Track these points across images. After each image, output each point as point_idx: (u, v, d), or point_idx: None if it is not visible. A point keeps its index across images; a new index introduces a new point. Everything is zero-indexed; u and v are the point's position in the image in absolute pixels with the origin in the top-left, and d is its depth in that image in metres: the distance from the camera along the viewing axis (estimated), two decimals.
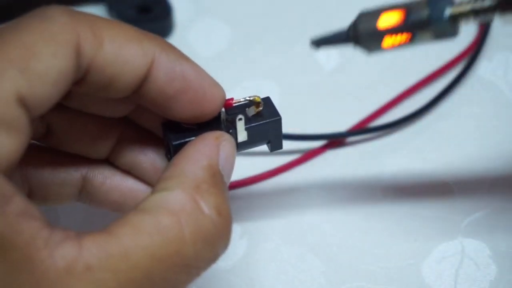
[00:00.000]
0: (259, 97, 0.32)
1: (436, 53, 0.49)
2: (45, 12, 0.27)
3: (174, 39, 0.51)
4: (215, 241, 0.28)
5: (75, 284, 0.24)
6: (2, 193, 0.24)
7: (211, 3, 0.53)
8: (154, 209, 0.27)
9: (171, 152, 0.31)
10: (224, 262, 0.39)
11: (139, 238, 0.25)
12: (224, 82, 0.48)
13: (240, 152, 0.33)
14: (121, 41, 0.28)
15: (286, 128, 0.43)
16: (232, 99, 0.32)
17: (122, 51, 0.28)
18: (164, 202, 0.27)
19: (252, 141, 0.33)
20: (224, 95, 0.31)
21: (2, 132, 0.24)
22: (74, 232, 0.25)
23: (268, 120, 0.33)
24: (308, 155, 0.44)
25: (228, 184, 0.30)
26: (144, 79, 0.29)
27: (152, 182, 0.34)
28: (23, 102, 0.25)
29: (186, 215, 0.27)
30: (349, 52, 0.49)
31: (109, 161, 0.34)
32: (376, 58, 0.49)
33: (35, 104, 0.25)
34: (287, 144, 0.44)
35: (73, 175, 0.33)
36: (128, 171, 0.34)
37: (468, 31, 0.50)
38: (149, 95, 0.30)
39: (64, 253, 0.24)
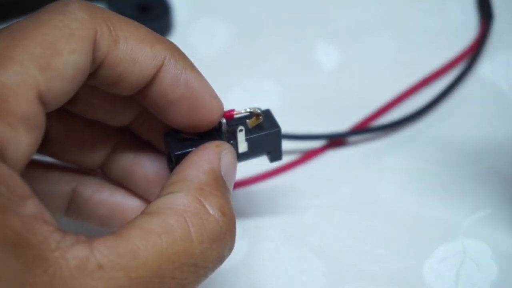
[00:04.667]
0: (259, 109, 0.33)
1: (436, 53, 0.49)
2: (65, 7, 0.27)
3: (174, 39, 0.50)
4: (220, 241, 0.28)
5: (87, 282, 0.24)
6: (20, 194, 0.24)
7: (211, 2, 0.53)
8: (161, 210, 0.27)
9: (173, 162, 0.32)
10: (225, 262, 0.39)
11: (148, 238, 0.26)
12: (224, 82, 0.48)
13: (240, 163, 0.33)
14: (135, 42, 0.29)
15: (286, 128, 0.43)
16: (233, 110, 0.33)
17: (134, 52, 0.28)
18: (170, 204, 0.28)
19: (252, 152, 0.33)
20: (223, 108, 0.32)
21: (22, 129, 0.25)
22: (85, 236, 0.25)
23: (268, 132, 0.33)
24: (308, 155, 0.44)
25: (231, 191, 0.31)
26: (150, 81, 0.30)
27: (143, 195, 0.35)
28: (42, 99, 0.26)
29: (191, 215, 0.27)
30: (349, 52, 0.50)
31: (102, 171, 0.35)
32: (376, 58, 0.49)
33: (52, 100, 0.26)
34: (287, 144, 0.44)
35: (64, 187, 0.34)
36: (119, 183, 0.35)
37: (469, 30, 0.50)
38: (151, 97, 0.30)
39: (76, 253, 0.24)
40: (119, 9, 0.50)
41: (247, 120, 0.33)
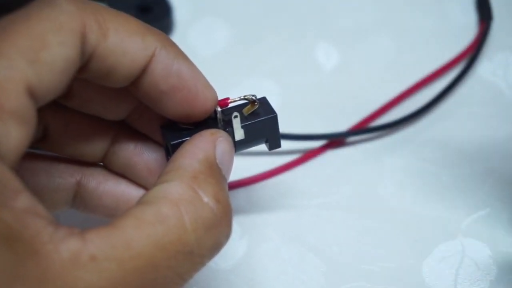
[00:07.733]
0: (254, 96, 0.32)
1: (435, 53, 0.49)
2: (53, 1, 0.27)
3: (174, 39, 0.50)
4: (216, 228, 0.28)
5: (80, 273, 0.24)
6: (11, 188, 0.24)
7: (211, 2, 0.53)
8: (155, 200, 0.27)
9: (169, 152, 0.32)
10: (225, 262, 0.39)
11: (141, 228, 0.26)
12: (224, 82, 0.48)
13: (239, 151, 0.33)
14: (125, 33, 0.28)
15: (286, 128, 0.43)
16: (228, 98, 0.32)
17: (125, 43, 0.28)
18: (164, 193, 0.28)
19: (249, 140, 0.33)
20: (216, 97, 0.32)
21: (12, 123, 0.25)
22: (78, 229, 0.25)
23: (264, 118, 0.33)
24: (308, 155, 0.44)
25: (227, 179, 0.31)
26: (142, 72, 0.30)
27: (145, 185, 0.35)
28: (31, 93, 0.25)
29: (185, 203, 0.27)
30: (349, 52, 0.50)
31: (104, 164, 0.35)
32: (376, 58, 0.49)
33: (42, 94, 0.26)
34: (287, 144, 0.44)
35: (68, 180, 0.34)
36: (122, 174, 0.35)
37: (468, 31, 0.50)
38: (144, 88, 0.30)
39: (69, 246, 0.24)
40: (119, 9, 0.50)
41: (243, 108, 0.33)
